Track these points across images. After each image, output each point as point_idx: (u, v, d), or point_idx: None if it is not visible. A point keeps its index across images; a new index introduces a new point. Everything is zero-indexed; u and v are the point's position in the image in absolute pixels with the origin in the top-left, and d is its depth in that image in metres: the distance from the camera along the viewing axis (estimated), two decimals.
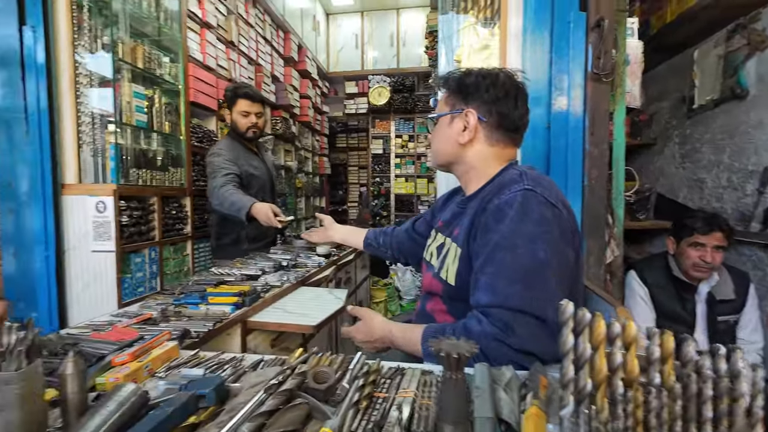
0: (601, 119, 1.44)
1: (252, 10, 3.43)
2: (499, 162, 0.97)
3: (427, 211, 1.37)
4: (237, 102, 2.13)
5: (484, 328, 0.78)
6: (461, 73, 0.99)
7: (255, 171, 2.21)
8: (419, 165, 5.94)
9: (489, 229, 0.83)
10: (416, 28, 5.51)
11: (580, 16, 1.44)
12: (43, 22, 1.85)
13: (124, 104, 2.05)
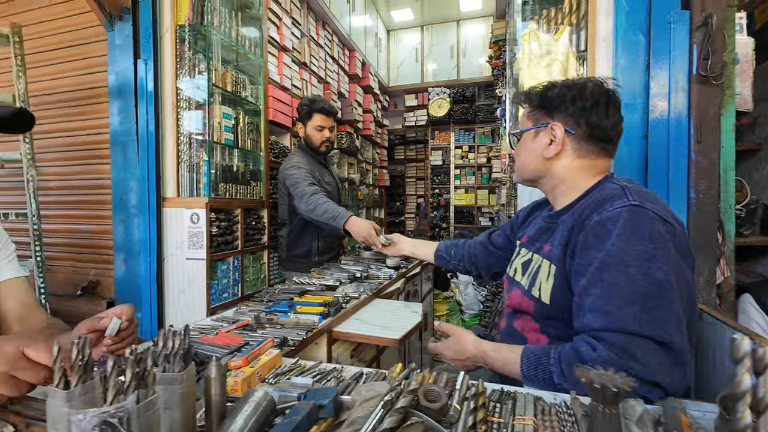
0: (709, 125, 1.31)
1: (322, 31, 3.62)
2: (592, 174, 0.92)
3: (505, 224, 1.33)
4: (312, 116, 2.15)
5: (599, 354, 0.73)
6: (543, 87, 0.97)
7: (327, 185, 2.26)
8: (480, 176, 5.82)
9: (590, 246, 0.78)
10: (477, 39, 5.46)
11: (681, 15, 1.33)
12: (153, 56, 2.11)
13: (215, 125, 2.25)
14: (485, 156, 5.76)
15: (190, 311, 2.14)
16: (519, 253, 1.07)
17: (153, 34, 2.11)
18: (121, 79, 2.16)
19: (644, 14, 1.39)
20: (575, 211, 0.88)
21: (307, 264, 2.20)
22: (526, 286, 0.96)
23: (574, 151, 0.92)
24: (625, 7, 1.40)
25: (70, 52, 2.35)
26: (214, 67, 2.25)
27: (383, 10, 5.33)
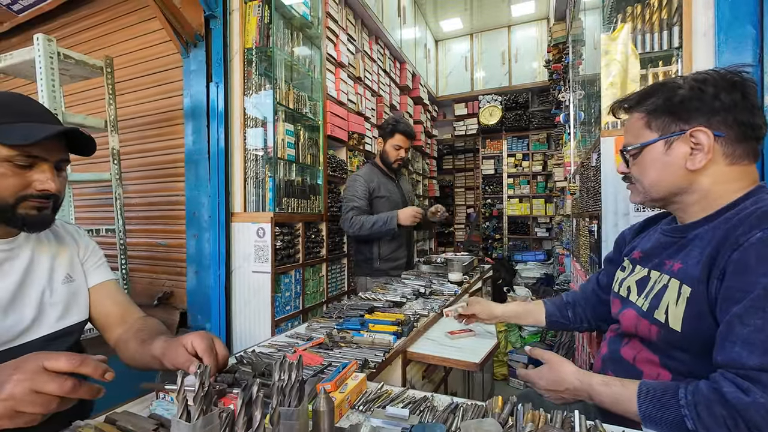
0: None
1: (375, 45, 3.67)
2: (741, 183, 0.78)
3: (608, 256, 1.17)
4: (394, 135, 2.32)
5: (755, 399, 0.61)
6: (661, 89, 0.83)
7: (388, 194, 2.37)
8: (535, 184, 5.56)
9: (750, 269, 0.66)
10: (529, 43, 5.28)
11: None
12: (224, 78, 2.23)
13: (279, 141, 2.33)
14: (540, 164, 5.50)
15: (256, 323, 2.19)
16: (632, 271, 0.95)
17: (224, 57, 2.23)
18: (195, 102, 2.31)
19: (754, 3, 1.23)
20: (718, 226, 0.76)
21: (370, 269, 2.37)
22: (645, 308, 0.84)
23: (725, 157, 0.78)
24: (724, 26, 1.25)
25: (151, 78, 2.56)
26: (278, 86, 2.33)
27: (432, 21, 5.33)
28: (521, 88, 5.36)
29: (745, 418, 0.61)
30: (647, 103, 0.84)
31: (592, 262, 1.73)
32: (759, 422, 0.60)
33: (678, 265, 0.80)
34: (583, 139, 2.69)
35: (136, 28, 2.57)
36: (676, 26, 1.37)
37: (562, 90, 3.23)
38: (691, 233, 0.81)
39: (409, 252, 2.52)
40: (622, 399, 0.77)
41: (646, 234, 1.01)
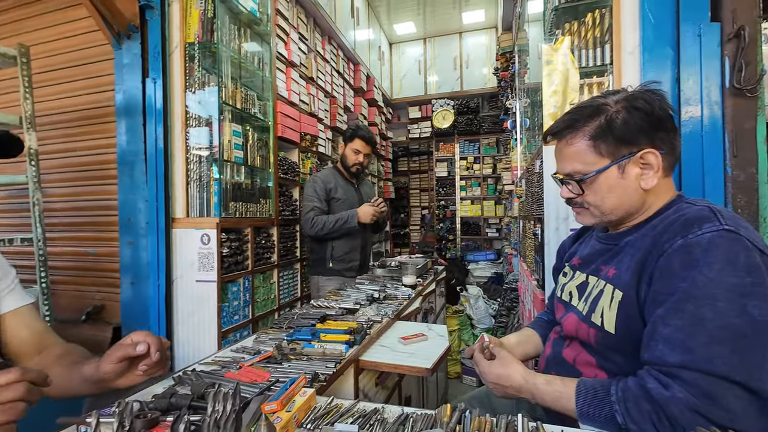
0: (746, 138, 1.26)
1: (328, 46, 3.61)
2: (669, 193, 0.85)
3: (554, 266, 1.20)
4: (354, 140, 2.39)
5: (674, 394, 0.66)
6: (596, 112, 0.83)
7: (345, 196, 2.41)
8: (485, 187, 5.78)
9: (674, 274, 0.71)
10: (479, 50, 5.49)
11: (711, 27, 1.30)
12: (162, 74, 2.07)
13: (225, 142, 2.21)
14: (491, 167, 5.73)
15: (200, 335, 2.06)
16: (572, 277, 1.00)
17: (162, 51, 2.07)
18: (128, 98, 2.12)
19: (671, 27, 1.36)
20: (646, 233, 0.81)
21: (323, 269, 2.40)
22: (584, 312, 0.89)
23: (663, 171, 0.82)
24: (651, 21, 1.37)
25: (77, 71, 2.32)
26: (224, 84, 2.21)
27: (386, 23, 5.36)
28: (472, 93, 5.55)
29: (666, 411, 0.66)
30: (589, 129, 0.84)
31: (536, 262, 1.81)
32: (677, 415, 0.65)
33: (612, 271, 0.85)
34: (528, 145, 2.83)
35: (57, 14, 2.32)
36: (607, 44, 1.47)
37: (510, 97, 3.38)
38: (623, 240, 0.87)
39: (364, 254, 2.53)
40: (562, 397, 0.80)
41: (583, 240, 1.07)
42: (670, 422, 0.66)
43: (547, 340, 1.07)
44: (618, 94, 0.86)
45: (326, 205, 2.36)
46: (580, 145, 0.85)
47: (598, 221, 0.90)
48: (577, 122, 0.86)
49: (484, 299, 4.27)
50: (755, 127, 1.27)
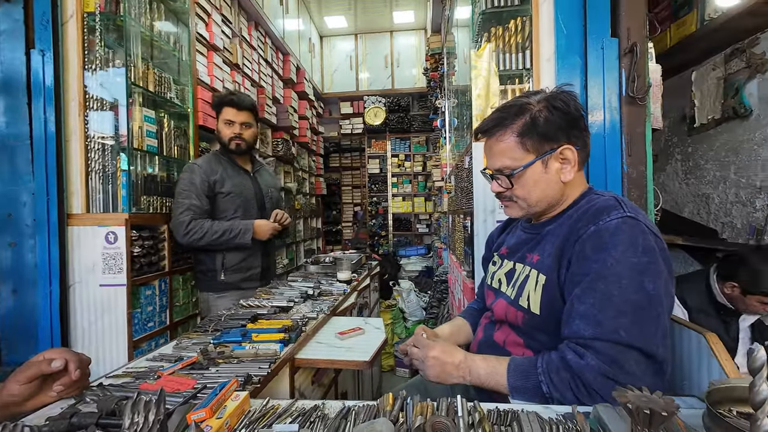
0: (638, 140, 1.46)
1: (254, 32, 3.41)
2: (582, 186, 0.94)
3: (483, 256, 1.27)
4: (223, 109, 1.91)
5: (588, 362, 0.74)
6: (523, 110, 0.89)
7: (236, 189, 1.94)
8: (416, 184, 5.96)
9: (587, 257, 0.79)
10: (410, 50, 5.63)
11: (611, 42, 1.48)
12: (53, 46, 1.77)
13: (135, 129, 1.97)
14: (421, 164, 5.92)
15: (106, 347, 1.81)
16: (501, 265, 1.06)
17: (52, 19, 1.77)
18: (7, 72, 1.78)
19: (580, 39, 1.51)
20: (563, 222, 0.89)
21: (214, 283, 1.94)
22: (512, 296, 0.95)
23: (578, 165, 0.90)
24: (564, 31, 1.52)
25: None
26: (133, 63, 1.96)
27: (316, 15, 5.23)
28: (403, 92, 5.68)
29: (582, 378, 0.74)
30: (516, 126, 0.89)
31: (466, 254, 1.91)
32: (591, 381, 0.73)
33: (536, 257, 0.92)
34: (457, 143, 2.97)
35: None
36: (528, 50, 1.60)
37: (439, 97, 3.52)
38: (545, 230, 0.95)
39: (267, 260, 2.09)
40: (497, 372, 0.85)
41: (509, 231, 1.15)
42: (585, 387, 0.74)
43: (478, 326, 1.12)
44: (538, 95, 0.94)
45: (207, 203, 1.87)
46: (509, 141, 0.90)
47: (524, 213, 0.97)
48: (505, 120, 0.92)
49: (415, 292, 4.40)
50: (644, 132, 1.47)
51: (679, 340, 0.96)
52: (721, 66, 2.39)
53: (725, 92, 2.35)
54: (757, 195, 2.18)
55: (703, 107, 2.52)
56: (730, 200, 2.37)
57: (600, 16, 1.50)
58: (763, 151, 2.14)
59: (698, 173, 2.64)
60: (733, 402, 0.66)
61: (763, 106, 2.14)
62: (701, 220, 2.59)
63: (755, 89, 2.18)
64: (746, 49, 2.21)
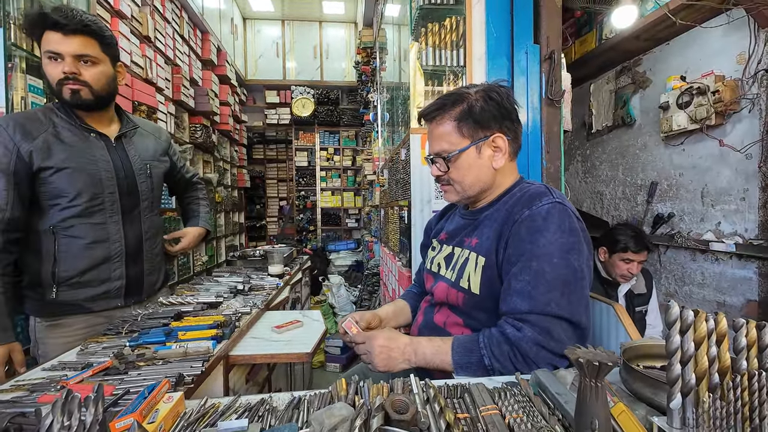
0: (554, 138, 1.63)
1: (168, 4, 3.07)
2: (513, 174, 1.02)
3: (422, 242, 1.31)
4: (44, 34, 1.12)
5: (525, 334, 0.81)
6: (460, 99, 0.95)
7: (73, 161, 1.17)
8: (345, 178, 5.93)
9: (522, 239, 0.86)
10: (340, 42, 5.56)
11: (534, 48, 1.62)
12: None
13: (18, 100, 1.64)
14: (350, 159, 5.90)
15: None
16: (440, 250, 1.10)
17: None
18: None
19: (507, 42, 1.64)
20: (500, 208, 0.95)
21: (41, 304, 1.20)
22: (452, 279, 0.99)
23: (509, 155, 0.97)
24: (494, 34, 1.63)
25: None
26: (13, 20, 1.63)
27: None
28: (332, 84, 5.59)
29: (519, 349, 0.81)
30: (454, 112, 0.95)
31: (402, 244, 1.95)
32: (527, 350, 0.80)
33: (475, 241, 0.98)
34: (387, 139, 3.02)
35: None
36: (461, 48, 1.68)
37: (371, 91, 3.53)
38: (482, 215, 1.01)
39: (135, 267, 1.32)
40: (441, 351, 0.88)
41: (448, 218, 1.20)
42: (522, 357, 0.81)
43: (418, 310, 1.15)
44: (477, 87, 0.99)
45: (23, 189, 1.12)
46: (447, 126, 0.96)
47: (460, 197, 1.02)
48: (445, 106, 0.97)
49: (345, 287, 4.39)
50: (559, 131, 1.65)
51: (593, 311, 1.09)
52: (612, 81, 2.79)
53: (616, 103, 2.75)
54: (638, 192, 2.59)
55: (599, 115, 2.91)
56: (618, 196, 2.78)
57: (524, 23, 1.64)
58: (643, 155, 2.55)
59: (594, 173, 3.05)
60: (640, 358, 0.78)
61: (643, 117, 2.55)
62: (596, 213, 3.00)
63: (638, 102, 2.59)
64: (632, 68, 2.60)
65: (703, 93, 2.06)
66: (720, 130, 2.07)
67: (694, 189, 2.24)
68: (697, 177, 2.22)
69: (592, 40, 2.64)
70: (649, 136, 2.50)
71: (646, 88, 2.51)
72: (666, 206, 2.41)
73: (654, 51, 2.46)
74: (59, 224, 1.18)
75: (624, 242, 1.73)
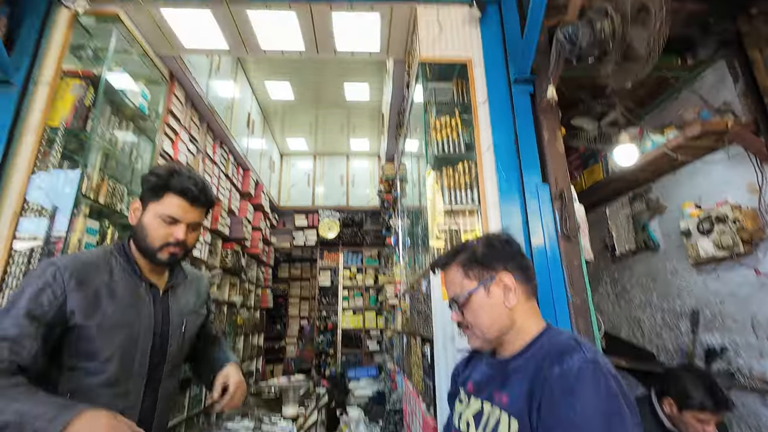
0: (576, 272, 1.61)
1: (219, 150, 3.57)
2: (536, 318, 0.98)
3: (449, 392, 1.23)
4: (166, 196, 1.07)
5: None
6: (464, 247, 1.03)
7: (121, 318, 1.04)
8: (367, 297, 5.87)
9: (557, 402, 0.78)
10: (364, 172, 6.14)
11: (543, 187, 1.73)
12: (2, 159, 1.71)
13: (74, 241, 1.82)
14: (372, 278, 5.93)
15: None
16: (468, 404, 1.01)
17: (9, 133, 1.75)
18: None
19: (518, 183, 1.77)
20: (529, 359, 0.89)
21: None
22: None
23: (524, 294, 0.97)
24: (504, 176, 1.77)
25: None
26: (88, 174, 1.92)
27: (279, 136, 5.68)
28: (357, 209, 5.99)
29: None
30: (460, 259, 1.02)
31: (426, 386, 1.81)
32: None
33: (505, 398, 0.90)
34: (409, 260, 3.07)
35: None
36: (475, 188, 1.82)
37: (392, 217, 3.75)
38: (511, 366, 0.95)
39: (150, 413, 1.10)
40: None
41: (474, 365, 1.13)
42: None
43: None
44: (480, 238, 1.07)
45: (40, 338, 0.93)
46: (455, 272, 1.01)
47: (482, 341, 0.99)
48: (452, 256, 1.04)
49: (365, 423, 3.94)
50: (581, 264, 1.64)
51: None
52: (627, 206, 2.86)
53: (635, 227, 2.77)
54: (679, 319, 2.41)
55: (620, 239, 2.91)
56: (658, 323, 2.59)
57: (531, 164, 1.79)
58: (675, 280, 2.44)
59: (627, 297, 2.91)
60: None
61: (667, 241, 2.53)
62: (637, 342, 2.75)
63: (657, 226, 2.60)
64: (644, 195, 2.69)
65: (722, 221, 2.06)
66: (752, 258, 2.00)
67: (741, 319, 2.07)
68: (741, 306, 2.07)
69: (599, 171, 2.82)
70: (677, 262, 2.44)
71: (663, 213, 2.55)
72: (715, 337, 2.20)
73: (662, 180, 2.57)
74: (78, 389, 0.99)
75: (699, 399, 1.49)
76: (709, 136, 2.03)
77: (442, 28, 2.06)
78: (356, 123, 5.35)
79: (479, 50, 2.01)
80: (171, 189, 1.06)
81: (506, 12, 2.06)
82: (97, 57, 2.14)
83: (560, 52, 1.59)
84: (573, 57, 1.56)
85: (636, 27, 1.41)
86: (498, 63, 1.98)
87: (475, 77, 1.96)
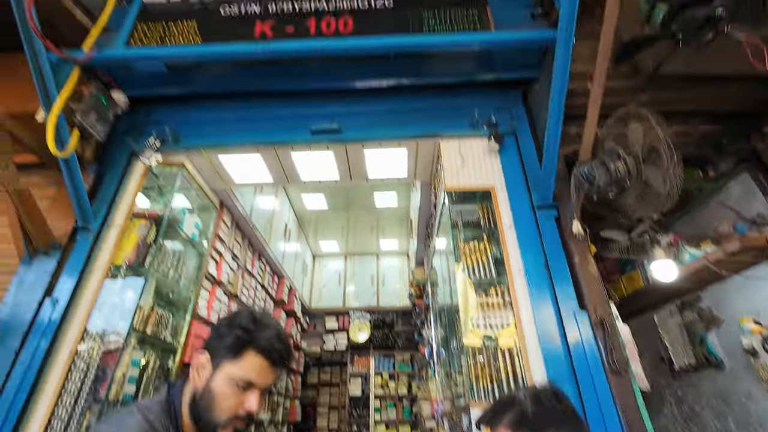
0: (632, 412, 1.47)
1: (257, 262, 3.77)
2: None
3: None
4: (243, 355, 0.89)
5: None
6: (512, 403, 0.97)
7: None
8: (401, 408, 5.43)
9: None
10: (394, 270, 6.18)
11: (582, 314, 1.69)
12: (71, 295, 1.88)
13: (119, 376, 1.88)
14: (406, 385, 5.56)
15: None
16: None
17: (81, 272, 1.95)
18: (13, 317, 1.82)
19: (554, 309, 1.74)
20: None
21: None
22: None
23: None
24: (539, 301, 1.75)
25: None
26: (140, 308, 2.06)
27: (312, 239, 5.95)
28: (387, 309, 5.90)
29: None
30: (507, 419, 0.97)
31: None
32: None
33: None
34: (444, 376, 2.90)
35: None
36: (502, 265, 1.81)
37: (425, 324, 3.65)
38: None
39: None
40: None
41: None
42: None
43: None
44: (528, 389, 1.02)
45: None
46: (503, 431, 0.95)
47: None
48: (499, 413, 0.98)
49: None
50: (636, 401, 1.51)
51: None
52: (677, 314, 2.68)
53: (691, 339, 2.55)
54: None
55: (677, 352, 2.67)
56: None
57: (566, 289, 1.77)
58: (753, 407, 2.16)
59: (698, 421, 2.55)
60: None
61: (732, 359, 2.29)
62: None
63: (716, 340, 2.39)
64: (694, 304, 2.53)
65: None
66: None
67: None
68: None
69: (638, 278, 2.72)
70: (749, 384, 2.18)
71: (719, 326, 2.37)
72: None
73: (710, 289, 2.44)
74: None
75: None
76: (748, 252, 1.98)
77: (464, 159, 2.25)
78: (385, 225, 5.58)
79: (501, 178, 2.16)
80: (255, 347, 0.89)
81: (522, 142, 2.25)
82: (161, 193, 2.45)
83: (579, 188, 1.68)
84: (593, 194, 1.65)
85: (649, 166, 1.50)
86: (520, 189, 2.10)
87: (500, 202, 2.08)
